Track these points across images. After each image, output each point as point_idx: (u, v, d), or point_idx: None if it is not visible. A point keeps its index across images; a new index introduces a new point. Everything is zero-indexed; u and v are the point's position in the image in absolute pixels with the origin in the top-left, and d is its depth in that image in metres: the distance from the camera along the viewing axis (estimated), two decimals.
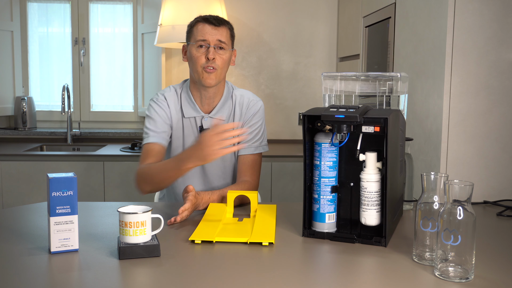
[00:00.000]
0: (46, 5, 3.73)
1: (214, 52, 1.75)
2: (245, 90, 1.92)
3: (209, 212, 1.55)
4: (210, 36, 1.76)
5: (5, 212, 1.66)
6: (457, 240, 1.08)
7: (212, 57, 1.74)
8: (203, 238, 1.33)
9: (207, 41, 1.76)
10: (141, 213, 1.23)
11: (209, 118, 1.83)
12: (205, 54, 1.76)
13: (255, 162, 1.85)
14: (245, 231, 1.40)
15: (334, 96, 1.61)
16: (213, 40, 1.76)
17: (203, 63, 1.76)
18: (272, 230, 1.40)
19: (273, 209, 1.60)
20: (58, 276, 1.12)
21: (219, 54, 1.77)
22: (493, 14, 1.76)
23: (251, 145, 1.85)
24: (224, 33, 1.78)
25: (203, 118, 1.83)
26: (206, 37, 1.76)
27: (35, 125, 3.66)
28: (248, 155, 1.85)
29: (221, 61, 1.77)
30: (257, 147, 1.86)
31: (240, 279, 1.10)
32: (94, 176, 3.09)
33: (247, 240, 1.33)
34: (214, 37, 1.76)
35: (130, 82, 3.80)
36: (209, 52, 1.75)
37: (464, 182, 1.08)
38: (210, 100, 1.83)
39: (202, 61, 1.76)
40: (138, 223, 1.23)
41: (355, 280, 1.11)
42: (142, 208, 1.27)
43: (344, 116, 1.29)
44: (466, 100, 1.79)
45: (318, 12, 3.64)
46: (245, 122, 1.86)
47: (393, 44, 2.33)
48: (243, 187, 1.77)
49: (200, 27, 1.78)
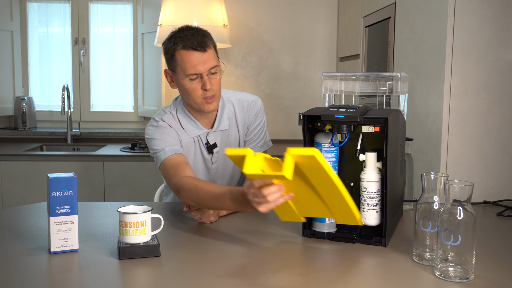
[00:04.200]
0: (46, 5, 3.73)
1: (209, 80, 1.63)
2: (239, 93, 1.86)
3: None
4: (201, 67, 1.61)
5: (5, 212, 1.66)
6: (457, 240, 1.08)
7: (210, 87, 1.63)
8: (292, 219, 1.33)
9: (199, 73, 1.62)
10: (141, 213, 1.23)
11: (213, 133, 1.78)
12: (201, 84, 1.64)
13: None
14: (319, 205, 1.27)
15: (334, 96, 1.61)
16: (205, 70, 1.62)
17: (201, 94, 1.65)
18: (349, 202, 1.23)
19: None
20: (58, 276, 1.12)
21: (214, 79, 1.65)
22: (493, 14, 1.76)
23: (257, 144, 1.84)
24: (212, 55, 1.64)
25: (207, 135, 1.78)
26: (198, 69, 1.61)
27: (35, 125, 3.66)
28: None
29: (217, 84, 1.67)
30: (262, 145, 1.85)
31: (240, 279, 1.10)
32: (94, 176, 3.09)
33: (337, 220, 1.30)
34: (206, 66, 1.62)
35: (130, 82, 3.80)
36: (205, 83, 1.63)
37: (464, 182, 1.08)
38: (209, 115, 1.77)
39: (199, 92, 1.65)
40: (138, 223, 1.23)
41: (355, 280, 1.11)
42: (142, 208, 1.27)
43: (344, 116, 1.29)
44: (466, 100, 1.79)
45: (318, 12, 3.64)
46: (249, 124, 1.84)
47: (393, 44, 2.33)
48: None
49: (185, 57, 1.62)
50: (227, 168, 1.84)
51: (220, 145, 1.80)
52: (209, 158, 1.80)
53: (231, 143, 1.82)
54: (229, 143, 1.82)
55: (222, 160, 1.82)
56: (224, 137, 1.81)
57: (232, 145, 1.83)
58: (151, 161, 3.11)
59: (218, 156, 1.81)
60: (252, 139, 1.84)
